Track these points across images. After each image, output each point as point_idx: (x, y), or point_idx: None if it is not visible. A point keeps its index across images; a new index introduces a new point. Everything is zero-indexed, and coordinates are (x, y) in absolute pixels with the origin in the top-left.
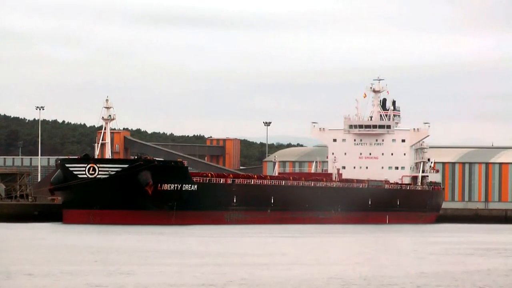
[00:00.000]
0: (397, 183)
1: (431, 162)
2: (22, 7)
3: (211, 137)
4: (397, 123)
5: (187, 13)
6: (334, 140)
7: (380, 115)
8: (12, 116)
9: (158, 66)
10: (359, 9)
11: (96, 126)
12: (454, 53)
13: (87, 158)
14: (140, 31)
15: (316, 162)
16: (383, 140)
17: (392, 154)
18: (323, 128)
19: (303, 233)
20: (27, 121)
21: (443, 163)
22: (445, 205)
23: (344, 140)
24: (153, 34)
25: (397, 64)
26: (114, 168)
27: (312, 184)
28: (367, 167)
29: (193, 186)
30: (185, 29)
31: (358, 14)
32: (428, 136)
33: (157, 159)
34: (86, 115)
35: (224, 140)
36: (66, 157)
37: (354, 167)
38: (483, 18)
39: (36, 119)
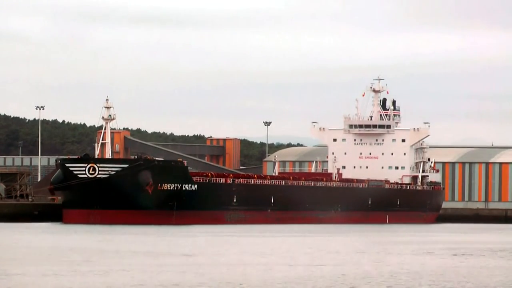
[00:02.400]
0: (397, 183)
1: (431, 162)
2: (22, 9)
3: (211, 137)
4: (397, 123)
5: (186, 13)
6: (334, 140)
7: (380, 115)
8: (12, 116)
9: (158, 66)
10: (359, 7)
11: (96, 126)
12: (454, 53)
13: (87, 158)
14: (139, 31)
15: (316, 162)
16: (383, 140)
17: (392, 154)
18: (323, 128)
19: (270, 232)
20: (27, 121)
21: (443, 163)
22: (445, 205)
23: (344, 140)
24: (152, 34)
25: (398, 62)
26: (114, 168)
27: (312, 184)
28: (367, 167)
29: (193, 186)
30: (185, 29)
31: (356, 11)
32: (428, 136)
33: (157, 159)
34: (86, 115)
35: (224, 140)
36: (66, 157)
37: (354, 167)
38: (482, 15)
39: (36, 119)
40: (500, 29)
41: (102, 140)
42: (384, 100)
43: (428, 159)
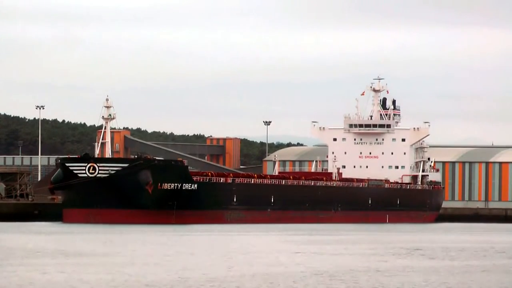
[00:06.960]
0: (397, 183)
1: (431, 162)
2: (22, 10)
3: (211, 136)
4: (397, 122)
5: (186, 14)
6: (334, 139)
7: (380, 115)
8: (12, 116)
9: (157, 65)
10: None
11: (96, 126)
12: (454, 52)
13: (87, 158)
14: (139, 31)
15: (316, 161)
16: (383, 140)
17: (392, 153)
18: (323, 127)
19: (229, 232)
20: (27, 120)
21: (443, 163)
22: (445, 204)
23: (344, 139)
24: (152, 34)
25: (398, 61)
26: (114, 167)
27: (312, 184)
28: (367, 166)
29: (193, 185)
30: (186, 29)
31: (361, 8)
32: (428, 135)
33: (157, 158)
34: (86, 115)
35: (224, 140)
36: (66, 156)
37: (354, 166)
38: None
39: (36, 118)
40: (500, 27)
41: (102, 139)
42: (384, 99)
43: (428, 159)
